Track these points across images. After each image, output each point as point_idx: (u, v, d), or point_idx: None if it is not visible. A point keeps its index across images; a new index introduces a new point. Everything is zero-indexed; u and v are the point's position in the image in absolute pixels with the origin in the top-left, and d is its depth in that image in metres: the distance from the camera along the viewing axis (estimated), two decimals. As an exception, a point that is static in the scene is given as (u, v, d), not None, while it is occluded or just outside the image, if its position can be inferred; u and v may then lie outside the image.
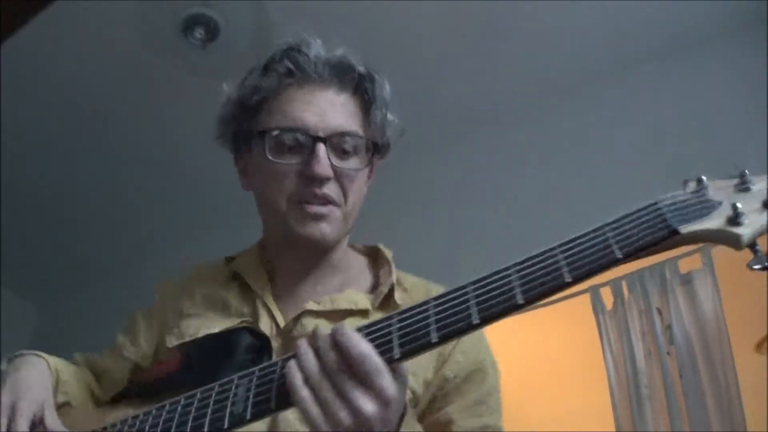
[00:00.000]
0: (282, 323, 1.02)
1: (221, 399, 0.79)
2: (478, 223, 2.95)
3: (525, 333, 2.95)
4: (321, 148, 1.00)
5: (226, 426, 0.76)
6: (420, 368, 1.00)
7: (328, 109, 1.03)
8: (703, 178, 0.76)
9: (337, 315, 1.03)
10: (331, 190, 1.01)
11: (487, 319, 0.72)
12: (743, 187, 0.73)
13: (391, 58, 2.66)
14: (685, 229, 0.70)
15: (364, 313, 1.04)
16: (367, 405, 0.74)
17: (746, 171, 0.74)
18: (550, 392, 3.86)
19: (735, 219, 0.69)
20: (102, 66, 2.79)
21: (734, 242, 0.69)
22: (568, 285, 0.71)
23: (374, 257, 1.16)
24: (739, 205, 0.69)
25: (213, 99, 1.12)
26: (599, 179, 2.75)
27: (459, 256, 2.86)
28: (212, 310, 1.06)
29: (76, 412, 1.01)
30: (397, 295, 1.07)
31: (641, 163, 2.69)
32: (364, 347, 0.75)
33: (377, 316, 1.01)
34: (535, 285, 0.71)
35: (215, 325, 1.03)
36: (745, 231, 0.68)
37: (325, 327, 0.99)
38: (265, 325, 1.02)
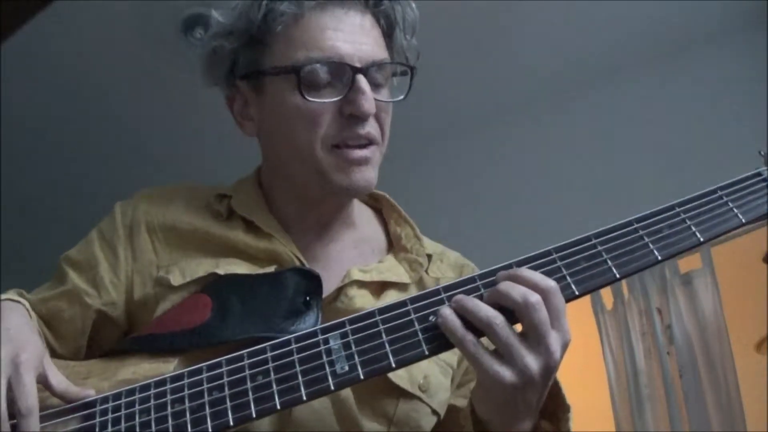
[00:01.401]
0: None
1: (308, 358, 0.71)
2: (479, 220, 2.95)
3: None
4: (363, 80, 0.86)
5: (332, 388, 0.69)
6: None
7: (358, 35, 0.89)
8: None
9: (379, 286, 0.92)
10: (372, 127, 0.89)
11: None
12: None
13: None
14: None
15: (404, 286, 0.94)
16: (556, 345, 0.70)
17: None
18: (550, 392, 3.85)
19: None
20: (102, 66, 2.79)
21: None
22: (700, 244, 0.77)
23: (377, 205, 1.04)
24: None
25: (213, 99, 1.09)
26: (600, 178, 2.75)
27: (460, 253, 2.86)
28: (219, 253, 0.91)
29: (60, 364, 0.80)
30: (433, 268, 0.98)
31: (642, 161, 2.69)
32: (551, 280, 0.71)
33: (413, 290, 0.94)
34: (671, 242, 0.76)
35: (236, 266, 0.89)
36: None
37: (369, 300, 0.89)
38: None
